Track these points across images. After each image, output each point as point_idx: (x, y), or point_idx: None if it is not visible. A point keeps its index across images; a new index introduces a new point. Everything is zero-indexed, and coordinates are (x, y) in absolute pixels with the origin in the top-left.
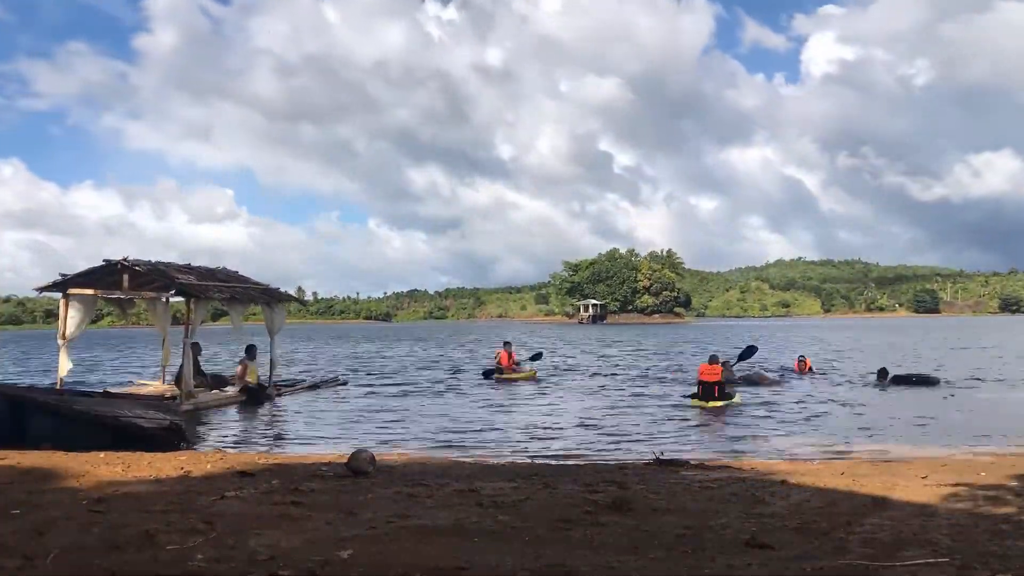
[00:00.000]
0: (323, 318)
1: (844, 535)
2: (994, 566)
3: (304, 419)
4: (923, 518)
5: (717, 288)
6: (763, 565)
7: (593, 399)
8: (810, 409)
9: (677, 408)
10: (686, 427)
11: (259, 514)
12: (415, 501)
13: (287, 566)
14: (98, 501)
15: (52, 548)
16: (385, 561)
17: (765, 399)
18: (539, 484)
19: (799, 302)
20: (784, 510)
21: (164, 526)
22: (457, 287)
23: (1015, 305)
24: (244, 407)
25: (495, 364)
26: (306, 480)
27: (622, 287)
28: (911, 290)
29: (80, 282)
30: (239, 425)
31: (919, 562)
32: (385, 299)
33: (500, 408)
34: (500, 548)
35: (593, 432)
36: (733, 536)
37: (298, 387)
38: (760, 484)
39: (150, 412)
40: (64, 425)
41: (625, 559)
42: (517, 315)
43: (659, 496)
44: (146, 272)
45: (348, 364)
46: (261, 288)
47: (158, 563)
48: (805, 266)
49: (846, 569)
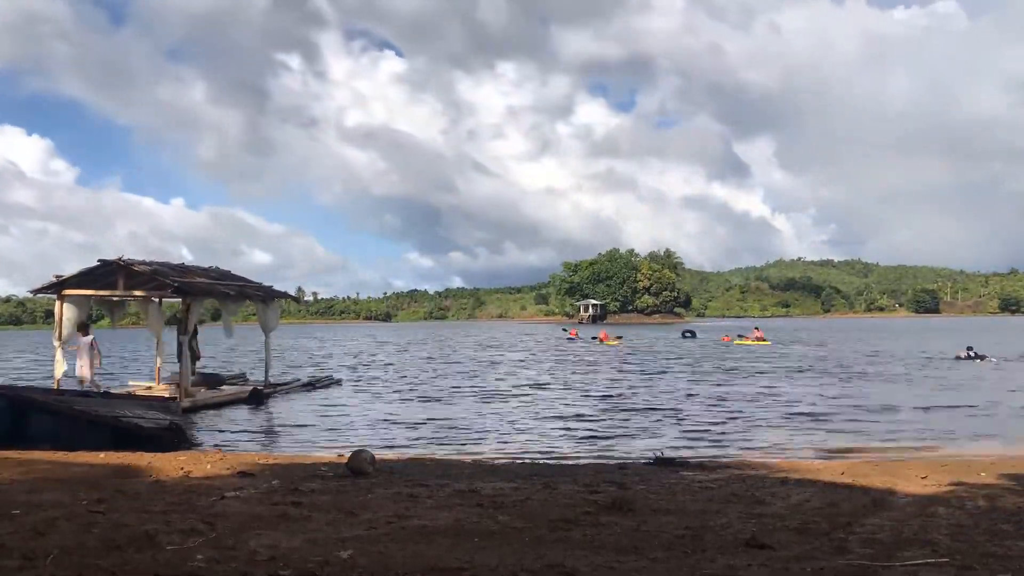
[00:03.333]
0: (323, 318)
1: (844, 535)
2: (994, 566)
3: (304, 419)
4: (923, 518)
5: (717, 288)
6: (763, 565)
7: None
8: (810, 409)
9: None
10: (686, 427)
11: (259, 514)
12: (415, 501)
13: (287, 566)
14: (98, 501)
15: (52, 548)
16: (385, 561)
17: (766, 398)
18: (539, 484)
19: (799, 302)
20: (784, 510)
21: (164, 526)
22: (457, 287)
23: (1015, 305)
24: (244, 407)
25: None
26: (306, 480)
27: (622, 287)
28: (911, 290)
29: (76, 283)
30: (239, 425)
31: (919, 562)
32: (385, 299)
33: (500, 408)
34: (500, 548)
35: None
36: (733, 536)
37: (293, 386)
38: (760, 484)
39: (150, 412)
40: (64, 425)
41: (625, 559)
42: (517, 315)
43: (659, 496)
44: (142, 272)
45: (347, 364)
46: (255, 287)
47: (158, 563)
48: (805, 266)
49: (846, 569)
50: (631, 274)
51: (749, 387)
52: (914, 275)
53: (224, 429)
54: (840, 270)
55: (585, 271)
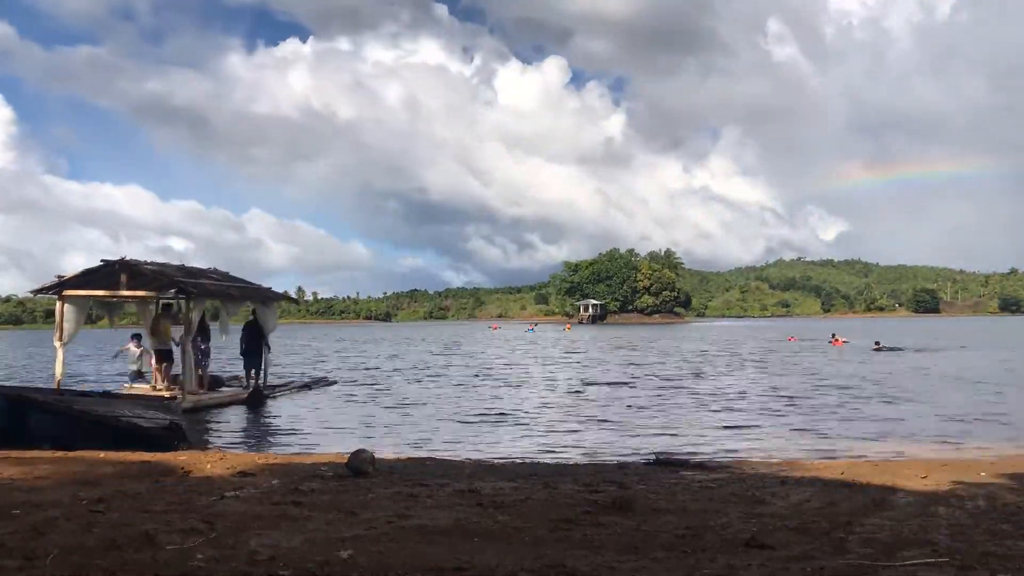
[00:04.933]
0: (323, 318)
1: (844, 535)
2: (994, 566)
3: (304, 419)
4: (923, 518)
5: (717, 288)
6: (763, 565)
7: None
8: (810, 409)
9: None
10: (685, 427)
11: (259, 514)
12: (415, 501)
13: (287, 566)
14: (98, 501)
15: (52, 548)
16: (385, 561)
17: (765, 399)
18: (539, 484)
19: (799, 302)
20: (784, 510)
21: (164, 526)
22: (457, 287)
23: (1015, 305)
24: (244, 407)
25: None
26: (306, 480)
27: (622, 287)
28: (911, 290)
29: (77, 283)
30: (239, 425)
31: (919, 562)
32: (385, 299)
33: (499, 408)
34: (500, 548)
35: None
36: (733, 536)
37: (290, 386)
38: (760, 484)
39: (150, 412)
40: (64, 425)
41: (625, 559)
42: (517, 315)
43: (659, 496)
44: (145, 272)
45: (348, 364)
46: (254, 287)
47: (158, 563)
48: (805, 266)
49: (846, 569)
50: (631, 274)
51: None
52: (914, 275)
53: (224, 429)
54: (840, 270)
55: (585, 271)
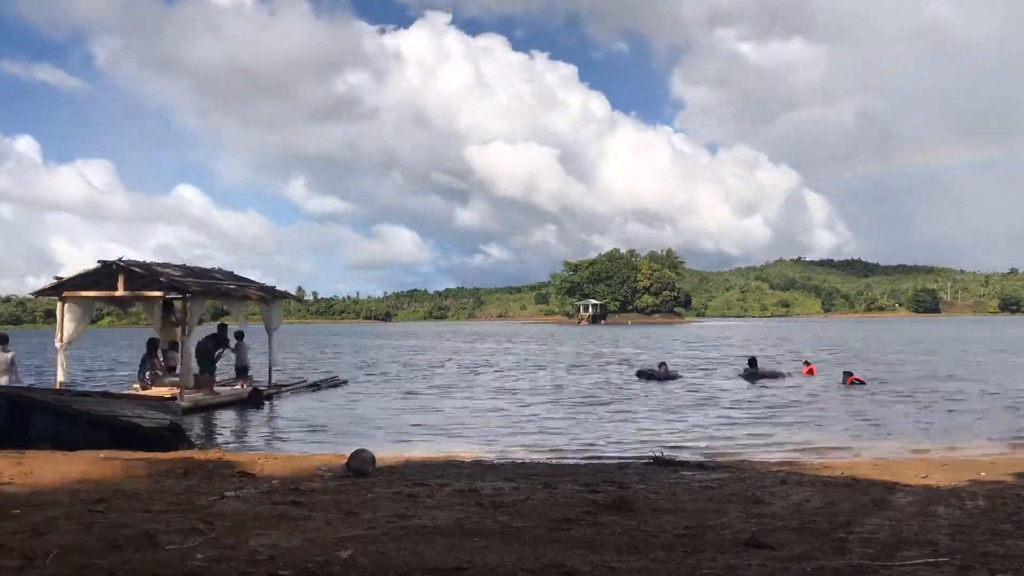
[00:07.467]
0: (323, 318)
1: (844, 535)
2: (994, 566)
3: (304, 419)
4: (923, 518)
5: (717, 288)
6: (763, 565)
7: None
8: (810, 409)
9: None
10: (686, 427)
11: (259, 514)
12: (415, 501)
13: (287, 566)
14: (98, 501)
15: (52, 548)
16: (385, 561)
17: (765, 399)
18: (539, 484)
19: (799, 302)
20: (784, 510)
21: (164, 526)
22: (457, 287)
23: (1015, 305)
24: (244, 407)
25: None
26: (306, 480)
27: (622, 287)
28: (911, 290)
29: (76, 285)
30: (239, 425)
31: (919, 562)
32: (385, 299)
33: (498, 408)
34: (500, 548)
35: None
36: (733, 536)
37: (298, 386)
38: (760, 484)
39: (150, 412)
40: (64, 425)
41: (625, 559)
42: (517, 315)
43: (659, 496)
44: (142, 273)
45: (349, 364)
46: (258, 287)
47: (158, 563)
48: (805, 266)
49: (846, 569)
50: (631, 274)
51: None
52: (914, 275)
53: (225, 429)
54: (840, 270)
55: (585, 271)
